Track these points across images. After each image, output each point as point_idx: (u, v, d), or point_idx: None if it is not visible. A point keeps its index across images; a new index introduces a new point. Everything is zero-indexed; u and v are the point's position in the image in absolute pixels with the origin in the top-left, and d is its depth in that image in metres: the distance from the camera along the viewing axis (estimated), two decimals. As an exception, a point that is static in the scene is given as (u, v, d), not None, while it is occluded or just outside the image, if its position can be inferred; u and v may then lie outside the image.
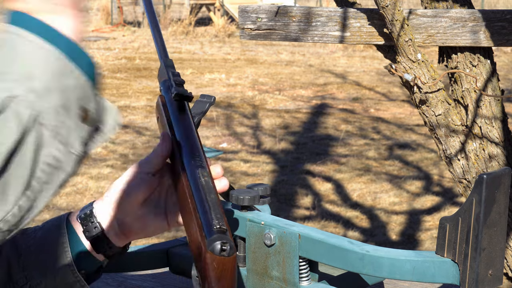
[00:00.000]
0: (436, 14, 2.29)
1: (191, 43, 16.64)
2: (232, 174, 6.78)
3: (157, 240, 5.31)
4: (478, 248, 1.36)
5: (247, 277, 1.58)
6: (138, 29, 19.19)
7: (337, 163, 7.23)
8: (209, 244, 1.05)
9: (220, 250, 1.05)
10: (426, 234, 5.49)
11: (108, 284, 1.87)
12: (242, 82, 11.69)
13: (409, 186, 6.53)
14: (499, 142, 2.30)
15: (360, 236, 5.45)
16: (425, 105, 2.29)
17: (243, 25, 2.36)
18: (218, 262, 1.05)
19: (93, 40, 16.96)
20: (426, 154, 7.48)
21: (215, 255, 1.05)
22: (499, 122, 2.30)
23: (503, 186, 1.38)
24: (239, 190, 1.62)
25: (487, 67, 2.30)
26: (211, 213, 1.07)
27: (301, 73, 12.64)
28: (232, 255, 1.05)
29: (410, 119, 9.06)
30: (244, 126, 8.76)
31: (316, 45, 15.61)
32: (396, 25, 2.17)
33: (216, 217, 1.06)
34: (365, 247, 1.46)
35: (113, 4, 20.13)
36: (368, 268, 1.45)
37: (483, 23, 2.26)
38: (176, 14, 20.60)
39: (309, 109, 9.73)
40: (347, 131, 8.48)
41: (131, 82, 11.62)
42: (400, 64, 2.24)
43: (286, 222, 1.56)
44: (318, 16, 2.33)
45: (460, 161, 2.33)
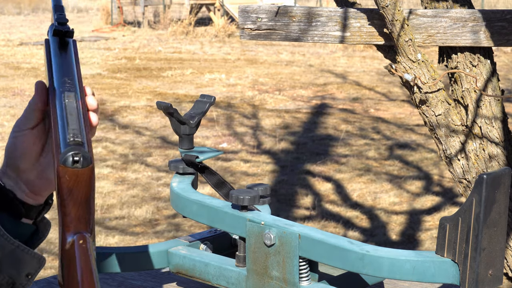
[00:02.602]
0: (436, 14, 2.29)
1: (191, 43, 16.64)
2: (232, 174, 6.78)
3: (157, 240, 5.31)
4: (478, 248, 1.36)
5: (247, 277, 1.58)
6: (138, 29, 19.18)
7: (337, 163, 7.23)
8: (62, 158, 1.01)
9: (72, 162, 1.00)
10: (426, 234, 5.49)
11: (108, 284, 1.87)
12: (242, 82, 11.69)
13: (409, 186, 6.53)
14: (499, 142, 2.30)
15: (360, 236, 5.45)
16: (425, 105, 2.29)
17: (243, 25, 2.36)
18: (70, 174, 1.01)
19: (93, 40, 16.95)
20: (426, 154, 7.48)
21: (67, 167, 1.01)
22: (499, 122, 2.30)
23: (503, 186, 1.38)
24: (239, 190, 1.62)
25: (487, 67, 2.30)
26: (68, 129, 1.04)
27: (301, 73, 12.64)
28: (86, 166, 1.01)
29: (410, 119, 9.06)
30: (244, 126, 8.76)
31: (316, 45, 15.61)
32: (396, 25, 2.17)
33: (73, 132, 1.03)
34: (365, 247, 1.46)
35: (113, 4, 20.12)
36: (368, 268, 1.45)
37: (483, 23, 2.26)
38: (176, 14, 20.59)
39: (309, 109, 9.73)
40: (347, 131, 8.48)
41: (131, 82, 11.62)
42: (400, 64, 2.24)
43: (286, 222, 1.56)
44: (318, 16, 2.33)
45: (460, 161, 2.33)
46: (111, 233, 5.49)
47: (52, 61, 1.16)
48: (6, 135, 8.27)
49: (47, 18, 23.40)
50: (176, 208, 1.73)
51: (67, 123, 1.05)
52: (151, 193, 6.40)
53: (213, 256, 1.68)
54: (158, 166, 7.11)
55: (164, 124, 8.69)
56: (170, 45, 16.21)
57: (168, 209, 5.97)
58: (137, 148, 7.76)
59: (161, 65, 13.32)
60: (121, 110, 9.55)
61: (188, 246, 1.73)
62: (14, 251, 1.17)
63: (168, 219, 5.78)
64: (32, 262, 1.18)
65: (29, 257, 1.18)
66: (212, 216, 1.63)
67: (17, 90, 10.71)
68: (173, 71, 12.59)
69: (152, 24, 19.42)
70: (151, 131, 8.48)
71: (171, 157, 7.30)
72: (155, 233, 5.50)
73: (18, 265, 1.17)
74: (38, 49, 15.38)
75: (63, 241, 1.01)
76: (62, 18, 1.18)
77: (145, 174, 6.89)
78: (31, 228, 1.23)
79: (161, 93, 10.77)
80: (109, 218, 5.82)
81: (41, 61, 13.70)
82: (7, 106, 9.72)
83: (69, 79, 1.12)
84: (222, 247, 1.78)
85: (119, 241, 5.34)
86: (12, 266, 1.17)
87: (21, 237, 1.20)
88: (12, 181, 1.21)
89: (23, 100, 10.05)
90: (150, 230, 5.55)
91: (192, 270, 1.67)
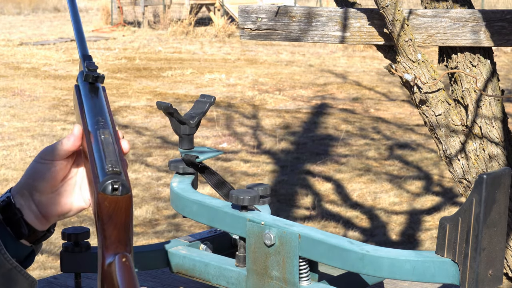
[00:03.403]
0: (436, 14, 2.29)
1: (191, 43, 16.64)
2: (232, 174, 6.78)
3: (157, 240, 5.31)
4: (478, 248, 1.36)
5: (247, 277, 1.58)
6: (138, 29, 19.18)
7: (337, 163, 7.23)
8: (101, 185, 1.06)
9: (112, 189, 1.05)
10: (426, 234, 5.49)
11: (108, 284, 1.87)
12: (242, 82, 11.68)
13: (409, 186, 6.53)
14: (499, 142, 2.30)
15: (360, 236, 5.45)
16: (425, 105, 2.29)
17: (243, 25, 2.36)
18: (109, 201, 1.06)
19: (93, 40, 16.95)
20: (426, 154, 7.48)
21: (106, 195, 1.05)
22: (499, 122, 2.30)
23: (503, 186, 1.38)
24: (239, 190, 1.62)
25: (487, 67, 2.30)
26: (106, 160, 1.09)
27: (301, 73, 12.63)
28: (125, 194, 1.06)
29: (410, 119, 9.06)
30: (244, 126, 8.76)
31: (316, 45, 15.61)
32: (396, 25, 2.17)
33: (111, 162, 1.08)
34: (365, 247, 1.46)
35: (113, 4, 20.12)
36: (368, 268, 1.45)
37: (483, 23, 2.26)
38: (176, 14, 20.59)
39: (309, 109, 9.73)
40: (347, 131, 8.48)
41: (131, 82, 11.62)
42: (400, 64, 2.24)
43: (286, 222, 1.56)
44: (318, 16, 2.33)
45: (460, 161, 2.33)
46: (111, 233, 5.49)
47: (84, 104, 1.23)
48: (6, 135, 8.28)
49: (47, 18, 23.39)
50: (176, 208, 1.73)
51: (104, 155, 1.11)
52: (151, 193, 6.40)
53: (213, 256, 1.68)
54: (158, 166, 7.11)
55: (164, 124, 8.69)
56: (170, 45, 16.21)
57: (168, 209, 5.97)
58: (137, 148, 7.76)
59: (161, 65, 13.32)
60: (121, 110, 9.55)
61: (188, 246, 1.73)
62: (10, 271, 1.19)
63: (168, 219, 5.78)
64: (24, 284, 1.21)
65: (23, 279, 1.20)
66: (212, 216, 1.63)
67: (17, 90, 10.71)
68: (173, 71, 12.59)
69: (152, 24, 19.42)
70: (151, 131, 8.48)
71: (171, 157, 7.30)
72: (155, 233, 5.50)
73: (10, 285, 1.20)
74: (38, 49, 15.38)
75: (103, 261, 1.05)
76: (93, 65, 1.28)
77: (145, 174, 6.89)
78: (28, 250, 1.25)
79: (161, 93, 10.77)
80: (109, 218, 5.82)
81: (41, 61, 13.70)
82: (7, 106, 9.72)
83: (102, 118, 1.20)
84: (222, 247, 1.78)
85: (119, 241, 5.33)
86: (4, 284, 1.20)
87: (18, 257, 1.22)
88: (24, 200, 1.23)
89: (23, 100, 10.05)
90: (150, 230, 5.55)
91: (192, 270, 1.67)
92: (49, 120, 8.97)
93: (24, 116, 9.22)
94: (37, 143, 7.92)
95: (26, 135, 8.29)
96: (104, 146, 1.13)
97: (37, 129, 8.56)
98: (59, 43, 16.40)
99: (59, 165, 1.23)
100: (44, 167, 1.23)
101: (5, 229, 1.22)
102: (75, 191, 1.26)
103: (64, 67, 13.15)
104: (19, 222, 1.22)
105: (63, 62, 13.70)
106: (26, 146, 7.83)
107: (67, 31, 18.90)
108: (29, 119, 9.05)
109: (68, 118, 9.08)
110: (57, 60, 13.94)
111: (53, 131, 8.46)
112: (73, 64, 13.47)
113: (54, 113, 9.34)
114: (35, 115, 9.27)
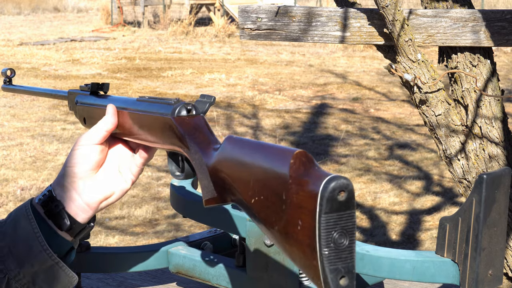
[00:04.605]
0: (436, 14, 2.29)
1: (191, 43, 16.64)
2: (232, 174, 6.77)
3: (157, 240, 5.31)
4: (478, 248, 1.36)
5: (247, 277, 1.58)
6: (138, 29, 19.18)
7: (337, 163, 7.23)
8: (173, 112, 1.16)
9: (186, 110, 1.17)
10: (426, 234, 5.49)
11: (108, 284, 1.87)
12: (242, 82, 11.68)
13: (409, 186, 6.53)
14: (499, 142, 2.30)
15: (360, 236, 5.45)
16: (425, 105, 2.29)
17: (243, 25, 2.36)
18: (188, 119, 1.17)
19: (93, 40, 16.95)
20: (426, 154, 7.48)
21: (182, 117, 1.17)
22: (499, 122, 2.30)
23: (503, 186, 1.38)
24: (239, 190, 1.61)
25: (487, 67, 2.30)
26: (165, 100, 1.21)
27: (301, 73, 12.63)
28: (199, 114, 1.18)
29: (410, 119, 9.06)
30: (244, 126, 8.76)
31: (316, 45, 15.60)
32: (396, 25, 2.17)
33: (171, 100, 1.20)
34: (365, 247, 1.46)
35: (113, 4, 20.12)
36: (368, 268, 1.45)
37: (483, 23, 2.26)
38: (176, 14, 20.59)
39: (309, 109, 9.73)
40: (347, 131, 8.48)
41: (131, 82, 11.62)
42: (400, 64, 2.24)
43: (286, 222, 1.56)
44: (318, 16, 2.33)
45: (460, 161, 2.33)
46: (111, 233, 5.49)
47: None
48: (6, 135, 8.28)
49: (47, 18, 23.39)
50: (176, 208, 1.73)
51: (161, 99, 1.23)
52: (151, 193, 6.40)
53: (213, 256, 1.68)
54: (158, 166, 7.11)
55: (164, 124, 8.68)
56: (170, 45, 16.21)
57: (168, 209, 5.97)
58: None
59: (161, 65, 13.32)
60: (121, 110, 9.55)
61: (188, 246, 1.73)
62: (53, 267, 1.20)
63: (168, 219, 5.78)
64: (64, 281, 1.22)
65: (64, 275, 1.21)
66: (212, 216, 1.63)
67: (17, 90, 10.70)
68: (173, 71, 12.59)
69: (152, 24, 19.41)
70: (151, 131, 8.47)
71: (171, 157, 7.28)
72: (155, 233, 5.50)
73: (52, 281, 1.21)
74: (38, 49, 15.38)
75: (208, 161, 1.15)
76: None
77: (145, 174, 6.89)
78: (69, 245, 1.25)
79: (161, 93, 10.77)
80: (109, 218, 5.82)
81: (41, 61, 13.70)
82: (7, 106, 9.72)
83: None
84: (222, 247, 1.78)
85: (119, 241, 5.34)
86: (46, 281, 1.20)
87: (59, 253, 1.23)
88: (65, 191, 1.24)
89: (23, 100, 10.05)
90: (150, 230, 5.55)
91: (192, 270, 1.66)
92: (49, 120, 8.97)
93: (24, 116, 9.22)
94: (37, 143, 7.92)
95: (26, 135, 8.29)
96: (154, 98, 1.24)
97: (37, 129, 8.56)
98: (59, 43, 16.40)
99: (98, 148, 1.26)
100: (83, 151, 1.25)
101: (46, 224, 1.22)
102: (115, 173, 1.28)
103: (64, 67, 13.15)
104: (61, 214, 1.23)
105: (63, 62, 13.69)
106: (26, 146, 7.83)
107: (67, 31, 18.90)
108: (29, 119, 9.05)
109: (68, 118, 9.08)
110: (57, 60, 13.94)
111: (53, 131, 8.46)
112: (73, 64, 13.47)
113: (54, 113, 9.34)
114: (35, 115, 9.27)
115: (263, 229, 0.99)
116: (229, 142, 1.08)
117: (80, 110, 1.38)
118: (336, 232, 0.89)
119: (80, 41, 16.77)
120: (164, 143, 1.21)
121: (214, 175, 1.10)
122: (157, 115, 1.20)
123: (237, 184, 1.03)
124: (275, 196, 0.95)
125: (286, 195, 0.93)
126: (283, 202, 0.93)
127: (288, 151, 0.95)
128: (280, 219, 0.94)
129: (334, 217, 0.89)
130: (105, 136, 1.26)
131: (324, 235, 0.88)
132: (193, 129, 1.16)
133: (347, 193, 0.89)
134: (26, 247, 1.19)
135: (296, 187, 0.92)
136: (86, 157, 1.25)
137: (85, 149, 1.25)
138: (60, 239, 1.22)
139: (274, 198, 0.95)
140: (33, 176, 6.76)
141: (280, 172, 0.94)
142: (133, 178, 1.29)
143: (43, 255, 1.19)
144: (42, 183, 6.57)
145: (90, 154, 1.25)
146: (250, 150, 1.03)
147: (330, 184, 0.88)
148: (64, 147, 7.73)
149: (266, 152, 0.99)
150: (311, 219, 0.89)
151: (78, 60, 13.99)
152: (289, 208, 0.92)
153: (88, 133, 1.26)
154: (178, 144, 1.17)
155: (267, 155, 0.99)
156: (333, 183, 0.88)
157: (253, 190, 0.98)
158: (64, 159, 7.29)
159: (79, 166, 1.24)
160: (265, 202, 0.96)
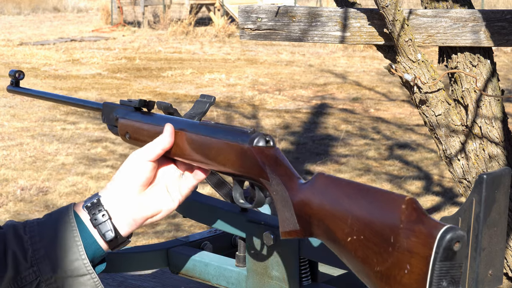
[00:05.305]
0: (436, 14, 2.29)
1: (191, 43, 16.64)
2: (232, 174, 6.77)
3: (157, 240, 5.31)
4: (478, 248, 1.36)
5: (247, 277, 1.58)
6: (138, 29, 19.18)
7: (337, 163, 7.23)
8: (251, 141, 1.18)
9: (265, 141, 1.19)
10: (426, 234, 5.49)
11: (108, 284, 1.87)
12: (242, 82, 11.68)
13: (409, 186, 6.53)
14: (499, 142, 2.30)
15: (360, 236, 5.45)
16: (425, 105, 2.29)
17: (243, 25, 2.36)
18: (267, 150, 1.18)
19: (93, 40, 16.95)
20: (426, 154, 7.48)
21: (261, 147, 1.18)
22: (499, 122, 2.30)
23: (503, 186, 1.38)
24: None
25: (487, 67, 2.30)
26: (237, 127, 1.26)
27: (301, 73, 12.63)
28: (275, 145, 1.20)
29: (410, 119, 9.06)
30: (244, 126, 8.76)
31: (316, 45, 15.61)
32: (396, 25, 2.17)
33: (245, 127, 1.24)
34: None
35: (113, 4, 20.12)
36: (368, 268, 1.45)
37: (483, 23, 2.26)
38: (176, 14, 20.59)
39: (309, 109, 9.73)
40: (347, 131, 8.48)
41: (131, 82, 11.62)
42: (400, 64, 2.24)
43: (286, 222, 1.56)
44: (318, 16, 2.33)
45: (460, 161, 2.33)
46: (111, 233, 5.49)
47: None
48: (6, 135, 8.28)
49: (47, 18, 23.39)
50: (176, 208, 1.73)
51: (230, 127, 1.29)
52: (151, 193, 6.39)
53: (213, 256, 1.68)
54: (158, 166, 7.11)
55: (164, 124, 8.68)
56: (170, 45, 16.21)
57: (168, 209, 5.97)
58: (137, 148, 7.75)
59: (161, 65, 13.32)
60: (121, 110, 9.54)
61: (188, 246, 1.73)
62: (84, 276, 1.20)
63: (168, 219, 5.78)
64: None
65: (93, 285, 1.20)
66: (212, 216, 1.63)
67: (17, 90, 10.70)
68: (173, 71, 12.59)
69: (152, 24, 19.41)
70: (151, 131, 8.47)
71: (171, 157, 7.28)
72: (155, 233, 5.50)
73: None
74: (38, 49, 15.38)
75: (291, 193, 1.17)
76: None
77: (145, 174, 6.89)
78: (103, 256, 1.25)
79: (161, 93, 10.77)
80: (109, 218, 5.82)
81: (41, 61, 13.70)
82: (7, 106, 9.72)
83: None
84: (222, 247, 1.78)
85: (119, 241, 5.33)
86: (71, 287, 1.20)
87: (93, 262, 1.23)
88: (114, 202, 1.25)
89: (23, 100, 10.05)
90: (150, 230, 5.55)
91: (192, 270, 1.66)
92: (49, 120, 8.97)
93: (24, 116, 9.22)
94: (37, 143, 7.92)
95: (26, 135, 8.29)
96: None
97: (37, 129, 8.56)
98: (59, 43, 16.40)
99: (150, 165, 1.27)
100: (136, 166, 1.26)
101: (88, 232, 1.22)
102: (163, 192, 1.29)
103: (64, 67, 13.15)
104: (107, 224, 1.23)
105: (63, 62, 13.69)
106: (26, 146, 7.83)
107: (67, 31, 18.90)
108: (29, 119, 9.05)
109: (68, 118, 9.08)
110: (57, 60, 13.94)
111: (53, 131, 8.47)
112: (73, 64, 13.47)
113: (54, 113, 9.34)
114: (35, 115, 9.27)
115: (357, 268, 1.01)
116: (320, 179, 1.11)
117: (124, 125, 1.39)
118: (445, 281, 0.94)
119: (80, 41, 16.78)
120: (236, 170, 1.22)
121: (299, 209, 1.12)
122: (233, 142, 1.21)
123: (329, 222, 1.05)
124: (379, 238, 0.98)
125: (395, 239, 0.96)
126: (390, 245, 0.96)
127: (398, 196, 0.99)
128: (384, 261, 0.97)
129: (447, 265, 0.94)
130: (159, 154, 1.27)
131: (436, 282, 0.93)
132: (273, 161, 1.18)
133: (461, 244, 0.95)
134: (63, 253, 1.19)
135: (407, 232, 0.95)
136: (138, 173, 1.26)
137: (138, 164, 1.26)
138: (97, 248, 1.23)
139: (377, 239, 0.98)
140: (33, 176, 6.76)
141: (390, 216, 0.97)
142: (180, 199, 1.30)
143: (79, 263, 1.19)
144: (42, 183, 6.57)
145: (143, 170, 1.26)
146: (349, 190, 1.05)
147: (448, 234, 0.94)
148: (64, 147, 7.73)
149: (371, 194, 1.02)
150: (423, 265, 0.93)
151: (78, 60, 13.99)
152: (397, 251, 0.95)
153: (143, 150, 1.28)
154: (255, 173, 1.19)
155: (373, 198, 1.01)
156: (451, 233, 0.94)
157: (350, 228, 1.01)
158: (64, 159, 7.29)
159: (131, 181, 1.26)
160: (365, 242, 0.99)
